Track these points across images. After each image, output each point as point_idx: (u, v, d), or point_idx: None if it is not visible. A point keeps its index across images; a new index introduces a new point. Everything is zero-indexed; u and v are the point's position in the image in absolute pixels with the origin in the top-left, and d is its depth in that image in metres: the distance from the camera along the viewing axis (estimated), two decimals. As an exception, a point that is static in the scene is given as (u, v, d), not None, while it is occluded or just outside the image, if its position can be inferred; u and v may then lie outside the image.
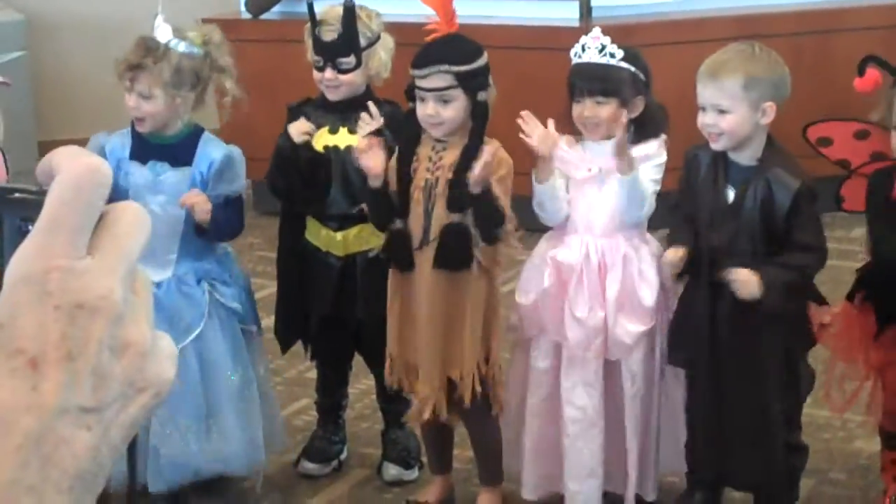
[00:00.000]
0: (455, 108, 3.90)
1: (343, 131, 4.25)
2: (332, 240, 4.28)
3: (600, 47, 3.90)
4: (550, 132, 3.89)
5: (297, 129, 4.24)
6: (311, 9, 4.29)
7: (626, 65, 3.90)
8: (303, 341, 4.47)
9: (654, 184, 3.92)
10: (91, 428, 0.74)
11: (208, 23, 4.60)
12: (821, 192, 3.89)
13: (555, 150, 3.91)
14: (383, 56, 4.27)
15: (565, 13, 6.66)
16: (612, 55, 3.89)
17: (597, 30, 3.95)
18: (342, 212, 4.25)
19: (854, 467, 4.44)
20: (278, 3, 7.14)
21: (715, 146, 3.84)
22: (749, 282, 3.72)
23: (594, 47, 3.91)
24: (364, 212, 4.15)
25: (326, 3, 4.33)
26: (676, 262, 3.84)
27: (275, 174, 4.29)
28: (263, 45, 6.96)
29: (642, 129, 3.94)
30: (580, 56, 3.94)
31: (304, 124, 4.25)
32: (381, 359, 4.10)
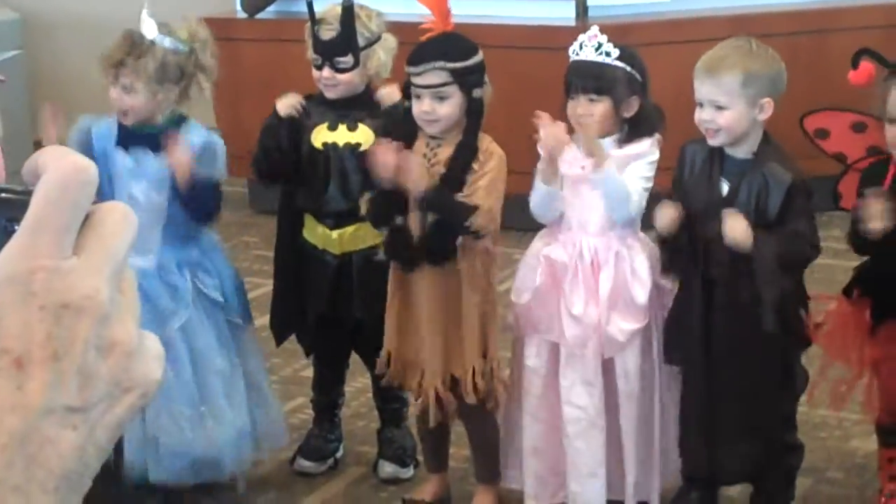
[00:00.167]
0: (451, 105, 3.90)
1: (342, 128, 4.25)
2: (328, 238, 4.28)
3: (597, 45, 3.90)
4: (561, 134, 3.86)
5: (283, 103, 4.25)
6: (311, 7, 4.29)
7: (622, 64, 3.90)
8: (298, 337, 4.47)
9: (645, 181, 3.91)
10: (77, 428, 0.74)
11: (204, 22, 4.59)
12: (818, 191, 3.89)
13: (564, 152, 3.89)
14: (382, 56, 4.26)
15: (562, 12, 6.66)
16: (608, 54, 3.89)
17: (594, 28, 3.95)
18: (339, 209, 4.25)
19: (851, 466, 4.44)
20: (274, 3, 7.13)
21: (712, 142, 3.84)
22: (741, 227, 3.69)
23: (591, 45, 3.91)
24: (361, 210, 4.15)
25: (327, 1, 4.33)
26: (669, 221, 3.80)
27: (259, 155, 4.29)
28: (259, 45, 6.96)
29: (636, 129, 3.93)
30: (577, 54, 3.94)
31: (292, 97, 4.25)
32: (377, 357, 4.10)
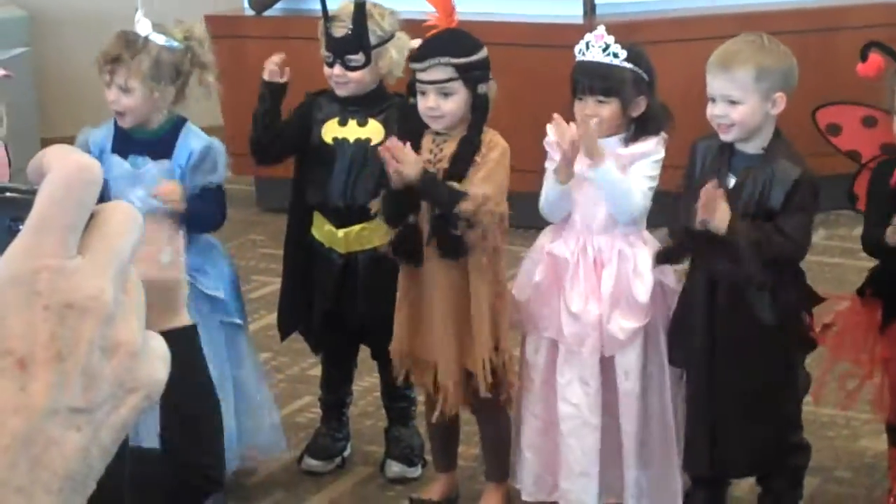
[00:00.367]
0: (455, 101, 3.90)
1: (352, 123, 4.25)
2: (334, 237, 4.28)
3: (604, 46, 3.89)
4: (573, 132, 3.83)
5: (266, 69, 4.28)
6: (325, 4, 4.28)
7: (630, 65, 3.88)
8: (304, 334, 4.47)
9: (650, 180, 3.90)
10: (81, 429, 0.73)
11: (212, 19, 4.60)
12: (830, 189, 3.88)
13: (577, 151, 3.87)
14: (395, 55, 4.25)
15: (569, 10, 6.65)
16: (616, 55, 3.87)
17: (601, 28, 3.94)
18: (344, 206, 4.24)
19: (859, 466, 4.43)
20: (281, 0, 7.13)
21: (725, 137, 3.83)
22: (721, 204, 3.67)
23: (598, 46, 3.89)
24: (368, 211, 4.14)
25: (341, -1, 4.33)
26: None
27: (252, 130, 4.30)
28: (266, 42, 6.94)
29: (643, 128, 3.92)
30: (584, 54, 3.93)
31: (275, 56, 4.27)
32: (387, 353, 4.10)
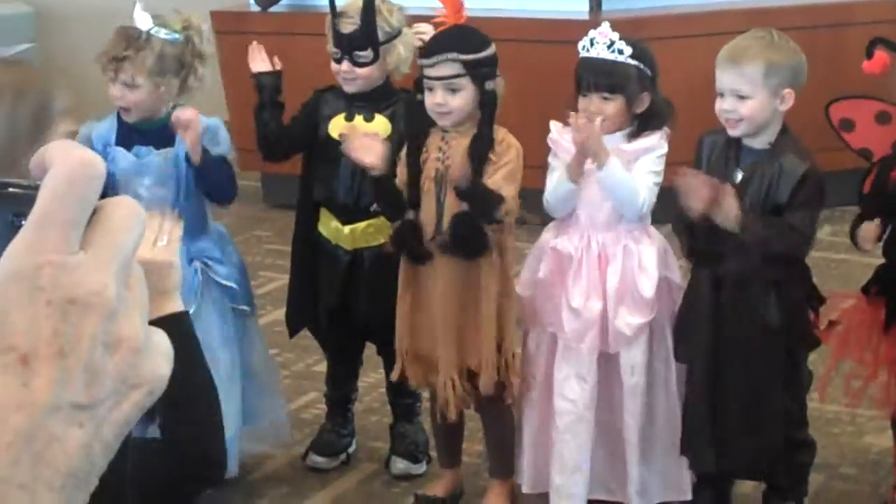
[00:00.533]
0: (463, 98, 3.89)
1: (359, 119, 4.25)
2: (340, 233, 4.28)
3: (609, 43, 3.88)
4: (597, 133, 3.83)
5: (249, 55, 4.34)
6: (332, 0, 4.28)
7: (634, 61, 3.88)
8: (312, 330, 4.47)
9: (655, 176, 3.90)
10: (83, 425, 0.73)
11: (217, 15, 4.60)
12: (837, 185, 3.88)
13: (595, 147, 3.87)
14: (402, 51, 4.25)
15: (574, 6, 6.65)
16: (621, 52, 3.87)
17: (606, 25, 3.93)
18: (350, 202, 4.24)
19: (864, 462, 4.42)
20: (287, -4, 7.13)
21: (733, 132, 3.82)
22: (731, 201, 3.68)
23: (602, 43, 3.89)
24: (373, 207, 4.14)
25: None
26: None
27: (256, 128, 4.31)
28: (271, 38, 6.93)
29: (646, 123, 3.92)
30: (588, 50, 3.92)
31: (254, 44, 4.34)
32: (392, 350, 4.10)
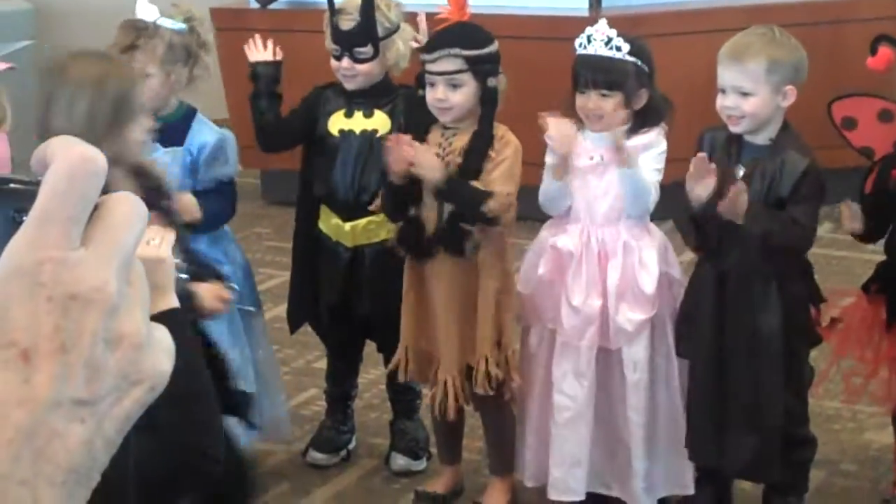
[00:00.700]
0: (464, 94, 3.89)
1: (358, 115, 4.25)
2: (340, 230, 4.27)
3: (606, 40, 3.88)
4: (569, 131, 3.85)
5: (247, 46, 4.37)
6: None
7: (632, 58, 3.88)
8: (314, 326, 4.47)
9: (657, 173, 3.90)
10: (84, 421, 0.73)
11: (217, 12, 4.61)
12: (838, 182, 3.87)
13: (574, 149, 3.88)
14: (401, 46, 4.25)
15: (574, 2, 6.64)
16: (619, 48, 3.87)
17: (603, 22, 3.93)
18: (350, 198, 4.24)
19: (865, 458, 4.43)
20: (286, -8, 7.13)
21: (735, 129, 3.82)
22: (740, 195, 3.68)
23: (600, 40, 3.89)
24: (373, 205, 4.14)
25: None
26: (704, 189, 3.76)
27: (252, 118, 4.31)
28: (271, 35, 6.94)
29: (644, 119, 3.92)
30: (585, 47, 3.92)
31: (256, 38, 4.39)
32: (392, 347, 4.10)
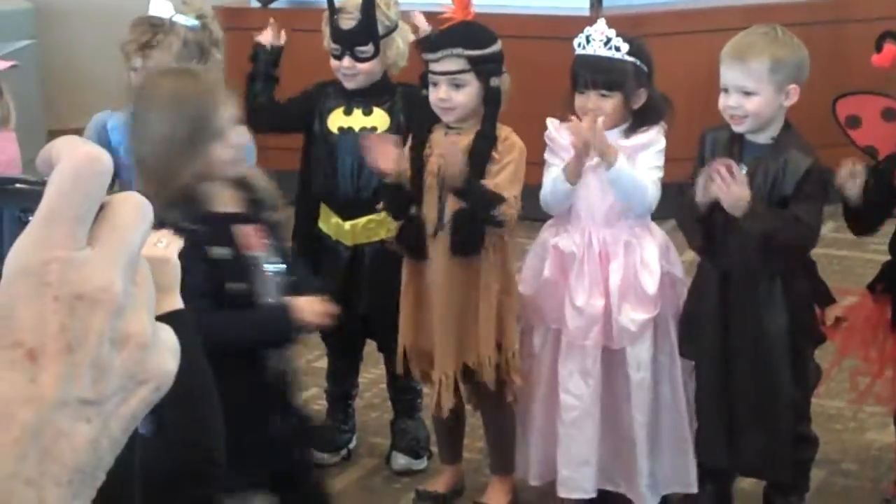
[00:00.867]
0: (467, 94, 3.89)
1: (357, 113, 4.25)
2: (340, 229, 4.28)
3: (605, 40, 3.88)
4: (592, 135, 3.82)
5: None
6: None
7: (631, 58, 3.88)
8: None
9: (657, 170, 3.90)
10: (91, 421, 0.73)
11: (218, 11, 4.62)
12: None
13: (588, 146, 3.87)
14: (401, 44, 4.26)
15: (575, 2, 6.64)
16: (618, 48, 3.87)
17: (602, 22, 3.93)
18: (349, 197, 4.24)
19: (866, 458, 4.43)
20: (287, -8, 7.13)
21: (738, 128, 3.82)
22: (740, 192, 3.68)
23: (599, 40, 3.89)
24: (374, 203, 4.14)
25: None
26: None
27: (246, 96, 4.33)
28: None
29: (643, 119, 3.92)
30: (584, 47, 3.92)
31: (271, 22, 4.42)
32: (392, 346, 4.10)
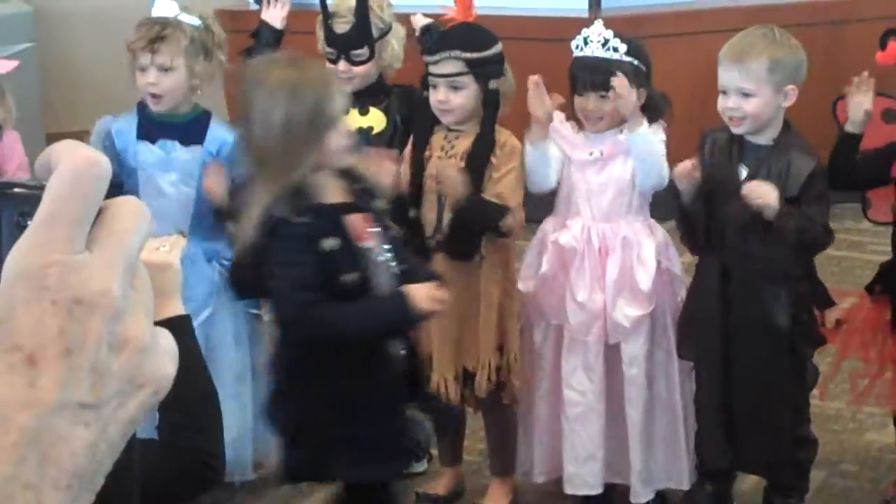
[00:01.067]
0: (465, 96, 3.89)
1: (353, 113, 4.25)
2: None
3: (603, 41, 3.88)
4: (545, 97, 3.85)
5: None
6: (324, 1, 4.29)
7: (629, 58, 3.88)
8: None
9: (662, 145, 3.89)
10: (89, 425, 0.73)
11: (217, 14, 4.63)
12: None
13: (549, 114, 3.88)
14: (396, 46, 4.26)
15: (574, 4, 6.64)
16: (616, 49, 3.87)
17: (599, 23, 3.93)
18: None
19: (865, 459, 4.43)
20: (287, -5, 7.12)
21: (737, 130, 3.83)
22: (768, 192, 3.70)
23: (597, 41, 3.89)
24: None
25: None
26: (687, 171, 3.80)
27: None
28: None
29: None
30: (582, 49, 3.92)
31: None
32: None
